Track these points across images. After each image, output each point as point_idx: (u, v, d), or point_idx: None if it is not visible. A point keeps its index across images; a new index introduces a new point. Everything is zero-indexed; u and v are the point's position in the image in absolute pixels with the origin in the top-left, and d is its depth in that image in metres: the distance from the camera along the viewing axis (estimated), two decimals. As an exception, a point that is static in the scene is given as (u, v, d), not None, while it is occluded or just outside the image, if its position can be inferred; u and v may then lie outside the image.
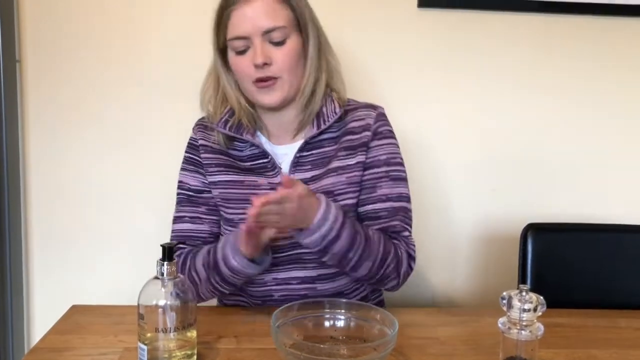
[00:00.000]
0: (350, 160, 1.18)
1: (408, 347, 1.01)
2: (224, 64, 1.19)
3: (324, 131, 1.19)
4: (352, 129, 1.20)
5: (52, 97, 1.63)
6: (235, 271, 1.08)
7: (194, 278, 1.13)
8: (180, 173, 1.25)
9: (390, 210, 1.17)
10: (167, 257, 0.90)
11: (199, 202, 1.22)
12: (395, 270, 1.14)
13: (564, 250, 1.40)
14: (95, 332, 1.05)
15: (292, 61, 1.14)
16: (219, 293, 1.16)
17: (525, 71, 1.67)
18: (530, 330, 0.88)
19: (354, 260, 1.08)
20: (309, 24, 1.16)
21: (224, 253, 1.09)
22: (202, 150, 1.22)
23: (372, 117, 1.21)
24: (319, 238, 1.04)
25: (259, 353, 0.99)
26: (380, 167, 1.19)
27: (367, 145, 1.19)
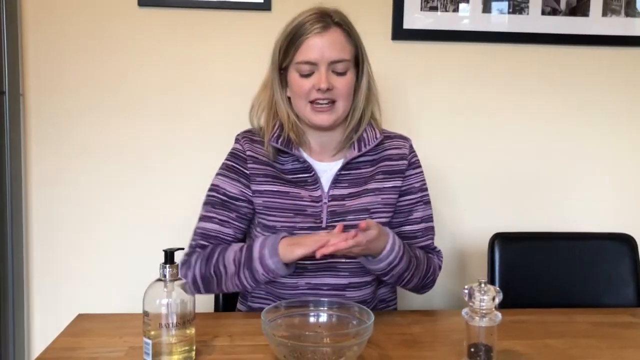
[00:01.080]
0: (387, 184, 1.32)
1: (384, 341, 1.13)
2: (280, 81, 1.31)
3: (363, 154, 1.32)
4: (390, 155, 1.34)
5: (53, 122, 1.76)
6: (268, 270, 1.18)
7: (220, 271, 1.23)
8: (218, 177, 1.33)
9: (424, 230, 1.36)
10: (169, 261, 1.02)
11: (231, 208, 1.30)
12: (431, 282, 1.35)
13: (528, 257, 1.54)
14: (101, 335, 1.15)
15: (349, 90, 1.28)
16: (241, 288, 1.24)
17: (489, 94, 1.83)
18: (490, 318, 1.00)
19: (408, 277, 1.27)
20: (365, 61, 1.31)
21: (261, 253, 1.19)
22: (250, 162, 1.31)
23: (406, 148, 1.36)
24: (385, 265, 1.21)
25: (252, 348, 1.10)
26: (415, 194, 1.35)
27: (403, 173, 1.34)
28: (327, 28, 1.24)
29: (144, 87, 1.77)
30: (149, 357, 1.00)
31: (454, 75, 1.82)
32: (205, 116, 1.79)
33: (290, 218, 1.28)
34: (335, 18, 1.26)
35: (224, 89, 1.77)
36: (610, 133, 1.87)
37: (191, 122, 1.79)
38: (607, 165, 1.88)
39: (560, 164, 1.87)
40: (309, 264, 1.26)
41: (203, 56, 1.77)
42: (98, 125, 1.77)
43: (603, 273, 1.52)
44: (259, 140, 1.33)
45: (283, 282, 1.29)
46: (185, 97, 1.78)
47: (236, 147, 1.35)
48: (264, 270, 1.19)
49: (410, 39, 1.79)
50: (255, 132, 1.35)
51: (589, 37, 1.81)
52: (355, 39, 1.29)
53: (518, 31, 1.80)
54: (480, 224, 1.82)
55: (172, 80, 1.77)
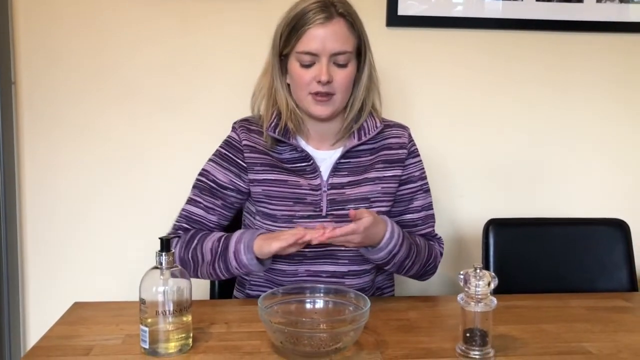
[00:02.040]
0: (386, 172, 1.32)
1: (381, 326, 1.14)
2: (280, 68, 1.29)
3: (362, 142, 1.31)
4: (389, 144, 1.34)
5: (45, 110, 1.75)
6: (241, 265, 1.19)
7: (198, 257, 1.24)
8: (209, 163, 1.32)
9: (424, 218, 1.37)
10: (165, 249, 1.02)
11: (218, 196, 1.30)
12: (433, 268, 1.36)
13: (522, 243, 1.55)
14: (98, 323, 1.15)
15: (349, 83, 1.27)
16: (215, 277, 1.26)
17: (484, 81, 1.83)
18: (485, 303, 1.01)
19: (409, 265, 1.27)
20: (367, 52, 1.29)
21: (237, 247, 1.20)
22: (247, 151, 1.30)
23: (406, 137, 1.36)
24: (385, 254, 1.21)
25: (248, 335, 1.10)
26: (415, 182, 1.36)
27: (402, 162, 1.34)
28: (330, 19, 1.22)
29: (138, 76, 1.75)
30: (146, 345, 1.00)
31: (449, 61, 1.82)
32: (200, 105, 1.78)
33: (290, 206, 1.27)
34: (339, 8, 1.24)
35: (220, 77, 1.76)
36: (604, 119, 1.87)
37: (186, 112, 1.78)
38: (600, 152, 1.89)
39: (554, 150, 1.88)
40: (307, 252, 1.26)
41: (198, 44, 1.75)
42: (92, 114, 1.76)
43: (596, 258, 1.53)
44: (257, 129, 1.32)
45: (283, 270, 1.29)
46: (180, 87, 1.77)
47: (232, 135, 1.34)
48: (237, 265, 1.20)
49: (405, 26, 1.78)
50: (253, 121, 1.34)
51: (584, 23, 1.80)
52: (359, 30, 1.27)
53: (512, 17, 1.79)
54: (475, 210, 1.83)
55: (167, 69, 1.76)
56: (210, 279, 1.30)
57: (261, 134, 1.31)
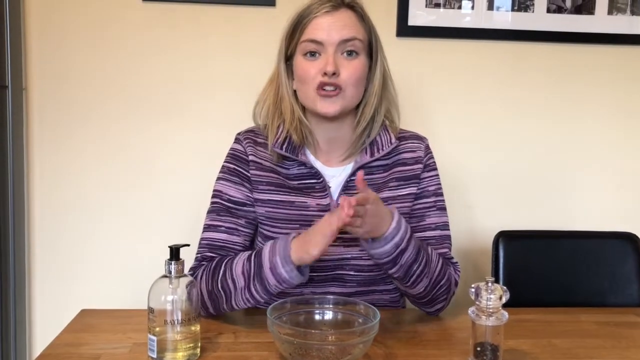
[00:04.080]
0: (401, 191, 1.23)
1: (390, 339, 1.12)
2: (286, 72, 1.22)
3: (375, 159, 1.23)
4: (404, 160, 1.25)
5: (55, 117, 1.76)
6: (281, 280, 1.07)
7: (229, 286, 1.12)
8: (220, 182, 1.24)
9: (438, 238, 1.25)
10: (174, 257, 1.01)
11: (239, 215, 1.21)
12: (445, 293, 1.20)
13: (532, 256, 1.54)
14: (105, 331, 1.14)
15: (359, 77, 1.17)
16: (253, 303, 1.12)
17: (494, 92, 1.83)
18: (497, 317, 0.99)
19: (417, 274, 1.12)
20: (379, 50, 1.21)
21: (273, 261, 1.07)
22: (253, 167, 1.22)
23: (422, 150, 1.27)
24: (392, 247, 1.07)
25: (256, 345, 1.09)
26: (429, 198, 1.26)
27: (418, 178, 1.25)
28: (338, 8, 1.16)
29: (148, 83, 1.76)
30: (154, 354, 1.00)
31: (458, 72, 1.81)
32: (209, 112, 1.78)
33: (295, 229, 1.16)
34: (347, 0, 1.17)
35: (230, 86, 1.76)
36: (615, 132, 1.86)
37: (195, 119, 1.78)
38: (612, 164, 1.87)
39: (564, 162, 1.86)
40: (315, 275, 1.20)
41: (207, 52, 1.76)
42: (101, 120, 1.76)
43: (607, 272, 1.52)
44: (263, 142, 1.25)
45: (286, 293, 1.21)
46: (190, 93, 1.77)
47: (237, 147, 1.26)
48: (277, 281, 1.08)
49: (415, 36, 1.78)
50: (258, 132, 1.27)
51: (594, 35, 1.80)
52: (369, 24, 1.20)
53: (522, 29, 1.79)
54: (484, 222, 1.82)
55: (177, 75, 1.76)
56: (247, 307, 1.14)
57: (267, 147, 1.23)
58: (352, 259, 1.22)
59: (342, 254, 1.22)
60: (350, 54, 1.17)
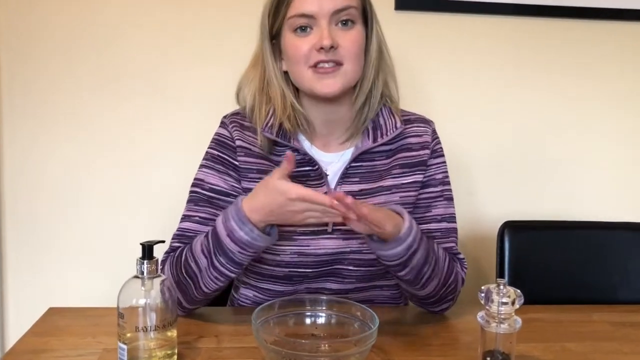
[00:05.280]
0: (405, 179, 1.13)
1: (389, 344, 1.02)
2: (273, 52, 1.10)
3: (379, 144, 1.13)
4: (409, 145, 1.15)
5: (26, 98, 1.61)
6: (244, 244, 0.98)
7: (193, 270, 1.03)
8: (202, 171, 1.13)
9: (444, 231, 1.15)
10: (147, 256, 0.90)
11: (220, 206, 1.10)
12: (453, 292, 1.12)
13: (539, 248, 1.44)
14: (73, 334, 1.03)
15: (359, 49, 1.06)
16: (224, 279, 1.03)
17: (500, 71, 1.71)
18: (509, 324, 0.89)
19: (427, 275, 1.03)
20: (374, 19, 1.10)
21: (229, 226, 0.98)
22: (241, 153, 1.12)
23: (429, 135, 1.17)
24: (404, 250, 0.98)
25: (240, 352, 0.98)
26: (436, 187, 1.15)
27: (425, 165, 1.15)
28: None
29: (128, 56, 1.61)
30: (124, 365, 0.89)
31: (460, 48, 1.69)
32: (196, 95, 1.64)
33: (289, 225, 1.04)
34: None
35: (219, 63, 1.61)
36: (631, 116, 1.75)
37: (180, 101, 1.64)
38: (627, 153, 1.76)
39: (576, 148, 1.75)
40: (310, 272, 1.12)
41: (193, 24, 1.62)
42: (76, 102, 1.62)
43: (620, 266, 1.42)
44: (250, 126, 1.13)
45: (279, 290, 1.14)
46: (174, 73, 1.63)
47: (222, 132, 1.15)
48: (240, 247, 0.98)
49: (415, 9, 1.66)
50: (244, 115, 1.15)
51: (605, 10, 1.68)
52: None
53: (530, 3, 1.66)
54: (488, 210, 1.71)
55: (159, 49, 1.62)
56: (221, 285, 1.04)
57: (255, 132, 1.11)
58: (352, 253, 1.12)
59: (340, 248, 1.12)
60: (346, 23, 1.05)
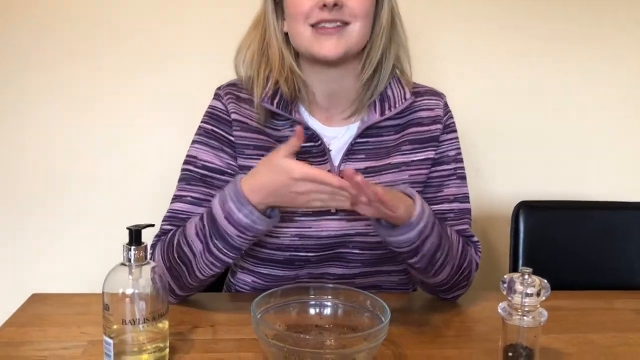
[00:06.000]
0: (416, 156, 1.06)
1: (399, 335, 0.94)
2: (275, 12, 1.02)
3: (387, 117, 1.05)
4: (420, 119, 1.07)
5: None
6: (242, 227, 0.90)
7: (186, 255, 0.96)
8: (195, 147, 1.05)
9: (457, 212, 1.07)
10: (134, 241, 0.81)
11: (215, 185, 1.03)
12: (466, 278, 1.04)
13: (556, 229, 1.35)
14: (57, 324, 0.95)
15: (367, 8, 0.97)
16: (220, 265, 0.95)
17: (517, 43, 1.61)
18: (533, 316, 0.81)
19: (440, 261, 0.96)
20: None
21: (227, 209, 0.90)
22: (237, 127, 1.04)
23: (440, 108, 1.09)
24: (416, 235, 0.89)
25: (238, 344, 0.90)
26: (449, 165, 1.08)
27: (437, 140, 1.07)
28: None
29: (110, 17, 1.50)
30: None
31: (474, 20, 1.58)
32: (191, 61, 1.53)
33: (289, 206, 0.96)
34: None
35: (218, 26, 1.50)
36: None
37: (170, 65, 1.53)
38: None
39: (595, 125, 1.66)
40: (312, 256, 1.04)
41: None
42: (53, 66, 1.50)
43: (639, 248, 1.34)
44: (247, 98, 1.05)
45: (280, 275, 1.07)
46: (166, 35, 1.52)
47: (216, 105, 1.07)
48: (238, 230, 0.90)
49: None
50: (241, 86, 1.07)
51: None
52: None
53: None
54: (501, 190, 1.63)
55: (150, 12, 1.50)
56: (217, 271, 0.97)
57: (253, 104, 1.03)
58: (357, 235, 1.04)
59: (344, 230, 1.04)
60: None
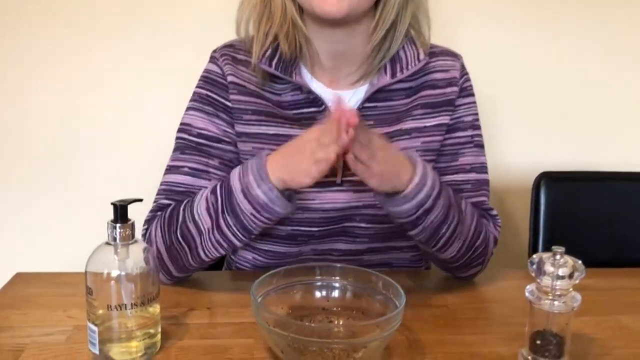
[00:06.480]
0: (429, 121, 0.97)
1: (412, 318, 0.86)
2: None
3: (398, 80, 0.96)
4: (434, 81, 0.99)
5: None
6: (259, 205, 0.82)
7: (190, 232, 0.87)
8: (189, 114, 0.98)
9: (474, 182, 0.99)
10: (120, 218, 0.73)
11: (211, 154, 0.96)
12: (482, 256, 0.96)
13: (580, 202, 1.28)
14: (41, 306, 0.87)
15: None
16: (227, 246, 0.87)
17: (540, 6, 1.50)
18: (565, 301, 0.73)
19: (445, 237, 0.89)
20: None
21: (245, 181, 0.82)
22: (234, 91, 0.96)
23: (457, 69, 1.00)
24: (414, 206, 0.83)
25: (238, 329, 0.83)
26: (465, 131, 1.00)
27: (452, 105, 0.99)
28: None
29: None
30: (95, 349, 0.73)
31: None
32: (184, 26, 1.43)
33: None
34: None
35: None
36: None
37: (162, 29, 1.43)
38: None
39: (622, 89, 1.55)
40: (316, 231, 0.96)
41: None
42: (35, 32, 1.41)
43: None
44: (245, 59, 0.97)
45: (281, 252, 0.99)
46: None
47: (211, 69, 0.99)
48: (254, 207, 0.82)
49: None
50: (239, 47, 0.99)
51: None
52: None
53: None
54: (521, 160, 1.52)
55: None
56: (222, 253, 0.89)
57: (251, 66, 0.96)
58: (364, 208, 0.97)
59: (351, 202, 0.96)
60: None
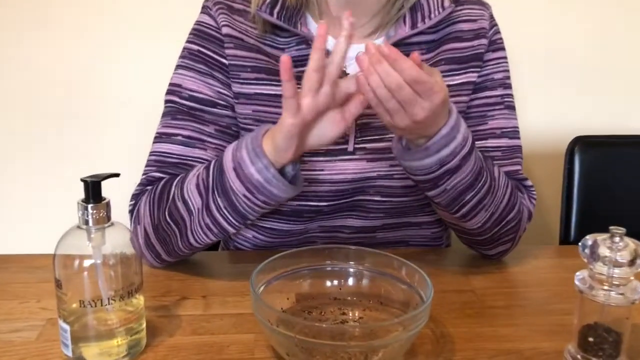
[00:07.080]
0: (454, 79, 0.87)
1: (437, 306, 0.75)
2: None
3: (419, 32, 0.85)
4: (459, 33, 0.87)
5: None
6: (253, 186, 0.71)
7: (179, 213, 0.77)
8: (179, 74, 0.87)
9: (506, 149, 0.88)
10: (92, 197, 0.61)
11: (206, 120, 0.85)
12: (513, 231, 0.86)
13: (619, 169, 1.17)
14: (12, 296, 0.77)
15: None
16: (218, 231, 0.76)
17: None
18: (624, 292, 0.61)
19: (470, 204, 0.78)
20: None
21: (238, 157, 0.71)
22: (230, 44, 0.85)
23: (485, 19, 0.88)
24: (435, 162, 0.72)
25: (236, 321, 0.72)
26: (495, 90, 0.89)
27: (481, 60, 0.88)
28: None
29: None
30: (68, 351, 0.62)
31: None
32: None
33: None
34: None
35: None
36: None
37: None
38: None
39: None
40: (324, 206, 0.85)
41: None
42: None
43: None
44: (242, 9, 0.87)
45: (286, 230, 0.88)
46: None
47: (203, 20, 0.87)
48: (246, 188, 0.71)
49: None
50: None
51: None
52: None
53: None
54: (553, 123, 1.39)
55: None
56: (212, 240, 0.78)
57: (249, 16, 0.85)
58: (379, 179, 0.86)
59: (364, 172, 0.85)
60: None
